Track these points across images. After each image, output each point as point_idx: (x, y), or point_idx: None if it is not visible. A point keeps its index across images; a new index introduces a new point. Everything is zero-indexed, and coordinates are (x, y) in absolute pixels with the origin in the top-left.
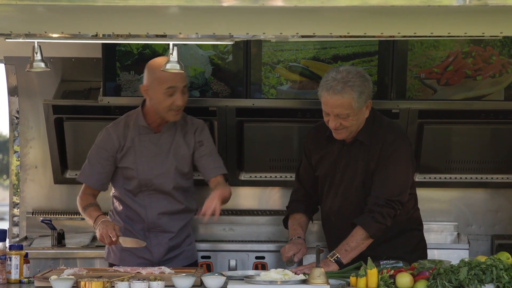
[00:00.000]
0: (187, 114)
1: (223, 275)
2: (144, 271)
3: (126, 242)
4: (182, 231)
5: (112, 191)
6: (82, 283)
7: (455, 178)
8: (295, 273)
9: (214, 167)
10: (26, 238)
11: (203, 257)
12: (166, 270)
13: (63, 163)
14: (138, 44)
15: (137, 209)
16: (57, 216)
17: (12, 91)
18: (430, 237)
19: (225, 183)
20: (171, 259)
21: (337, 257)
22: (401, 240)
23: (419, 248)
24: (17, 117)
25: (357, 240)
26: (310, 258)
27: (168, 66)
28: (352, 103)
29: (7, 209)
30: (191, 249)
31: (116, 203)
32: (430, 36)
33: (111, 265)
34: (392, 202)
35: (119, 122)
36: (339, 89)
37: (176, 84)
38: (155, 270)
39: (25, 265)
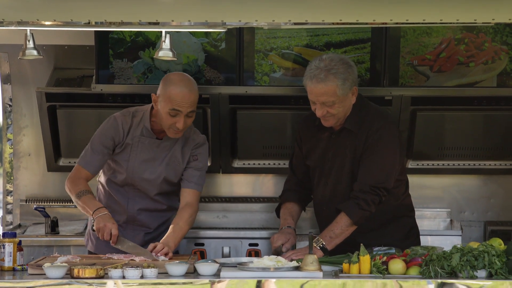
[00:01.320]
0: (195, 128)
1: (217, 262)
2: (138, 258)
3: (124, 245)
4: (161, 227)
5: (98, 176)
6: (76, 271)
7: (448, 164)
8: (286, 258)
9: (194, 182)
10: (19, 225)
11: (196, 244)
12: (160, 257)
13: (56, 150)
14: (131, 31)
15: (120, 200)
16: (50, 203)
17: (5, 79)
18: (423, 224)
19: (192, 205)
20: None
21: (322, 243)
22: (393, 226)
23: (412, 235)
24: (10, 105)
25: (342, 227)
26: (302, 245)
27: (161, 53)
28: (336, 91)
29: (0, 197)
30: None
31: (101, 189)
32: (422, 23)
33: (90, 252)
34: (377, 189)
35: (128, 115)
36: (322, 77)
37: (180, 108)
38: (163, 258)
39: (18, 252)
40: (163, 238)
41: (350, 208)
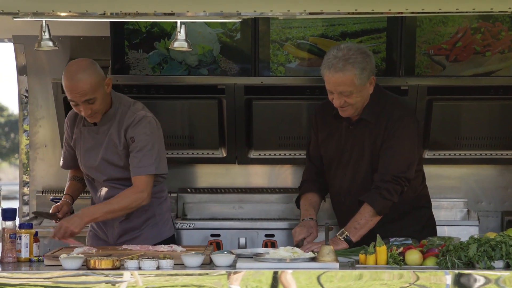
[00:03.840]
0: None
1: (232, 253)
2: (154, 249)
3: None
4: (136, 215)
5: None
6: (92, 262)
7: (465, 154)
8: (304, 251)
9: (137, 166)
10: (36, 217)
11: (212, 235)
12: (178, 248)
13: None
14: (146, 22)
15: (91, 191)
16: None
17: (21, 70)
18: (440, 214)
19: (134, 187)
20: (129, 241)
21: (346, 235)
22: (410, 218)
23: (428, 226)
24: (26, 96)
25: (366, 218)
26: (320, 236)
27: (176, 44)
28: (354, 80)
29: (17, 188)
30: (156, 230)
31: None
32: (438, 12)
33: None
34: (398, 178)
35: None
36: (340, 67)
37: (73, 98)
38: (166, 248)
39: (35, 243)
40: (83, 208)
41: (372, 198)
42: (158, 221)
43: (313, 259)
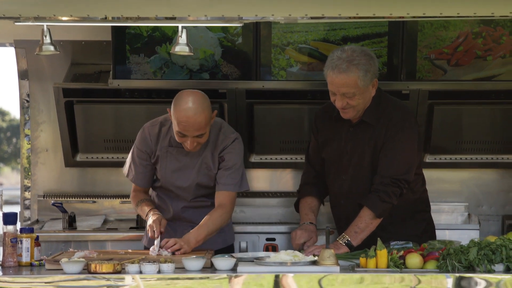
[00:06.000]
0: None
1: (233, 257)
2: (154, 253)
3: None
4: None
5: None
6: (93, 266)
7: (466, 158)
8: (306, 255)
9: (222, 183)
10: (37, 221)
11: None
12: (163, 252)
13: (73, 146)
14: (147, 26)
15: (165, 200)
16: (68, 199)
17: (22, 75)
18: (440, 218)
19: (223, 206)
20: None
21: (347, 239)
22: (411, 222)
23: (428, 230)
24: (27, 101)
25: (366, 221)
26: (321, 240)
27: (177, 48)
28: (357, 82)
29: (18, 192)
30: (223, 236)
31: (152, 190)
32: (439, 17)
33: (146, 248)
34: (397, 180)
35: (157, 124)
36: (344, 68)
37: (186, 132)
38: (167, 253)
39: (36, 248)
40: (186, 234)
41: (372, 202)
42: (225, 228)
43: (314, 263)
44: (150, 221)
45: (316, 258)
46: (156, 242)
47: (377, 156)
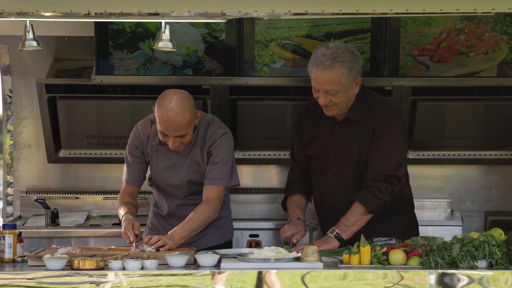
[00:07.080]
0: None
1: (217, 253)
2: (138, 249)
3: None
4: None
5: None
6: (76, 262)
7: (449, 155)
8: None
9: (209, 177)
10: (20, 217)
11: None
12: (147, 248)
13: (56, 142)
14: (130, 22)
15: (161, 197)
16: (51, 195)
17: (5, 70)
18: (423, 214)
19: (209, 200)
20: (193, 242)
21: (337, 233)
22: (394, 218)
23: (412, 226)
24: (10, 96)
25: (357, 215)
26: (307, 238)
27: (161, 44)
28: (341, 79)
29: (0, 188)
30: (220, 232)
31: (152, 189)
32: (422, 13)
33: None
34: (389, 177)
35: (148, 122)
36: (329, 65)
37: (167, 132)
38: (151, 249)
39: (18, 244)
40: (170, 231)
41: (364, 197)
42: (222, 224)
43: (297, 259)
44: (123, 227)
45: (299, 254)
46: (133, 246)
47: (365, 153)
